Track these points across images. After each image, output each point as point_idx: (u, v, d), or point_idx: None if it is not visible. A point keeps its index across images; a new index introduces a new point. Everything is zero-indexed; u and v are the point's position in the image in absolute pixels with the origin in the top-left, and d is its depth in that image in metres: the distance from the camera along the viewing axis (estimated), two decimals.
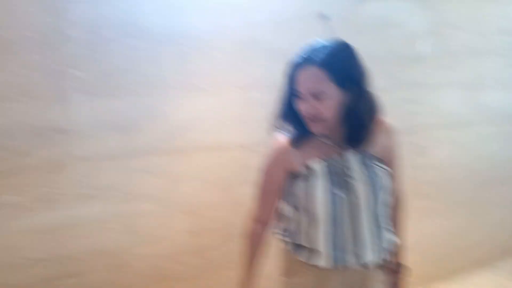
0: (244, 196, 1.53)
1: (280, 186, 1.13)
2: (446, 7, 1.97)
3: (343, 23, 1.71)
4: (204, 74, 1.53)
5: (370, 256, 1.09)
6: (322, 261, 1.08)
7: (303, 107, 1.03)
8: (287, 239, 1.17)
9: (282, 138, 1.12)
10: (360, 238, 1.08)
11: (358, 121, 1.05)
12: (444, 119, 2.20)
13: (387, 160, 1.13)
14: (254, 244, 1.18)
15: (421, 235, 2.35)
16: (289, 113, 1.08)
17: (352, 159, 1.08)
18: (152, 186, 1.51)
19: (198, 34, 1.49)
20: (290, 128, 1.09)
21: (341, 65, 1.00)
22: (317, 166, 1.07)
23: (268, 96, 1.22)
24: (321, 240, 1.08)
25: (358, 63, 1.03)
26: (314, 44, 1.03)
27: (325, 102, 1.01)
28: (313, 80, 1.00)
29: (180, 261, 1.61)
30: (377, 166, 1.09)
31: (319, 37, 1.05)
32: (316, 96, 1.00)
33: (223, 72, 1.56)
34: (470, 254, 2.61)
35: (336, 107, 1.02)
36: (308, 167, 1.07)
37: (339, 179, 1.06)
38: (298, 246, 1.13)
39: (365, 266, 1.11)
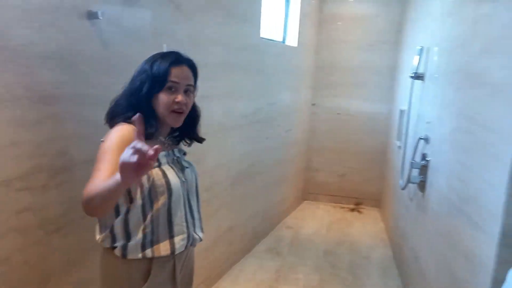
0: None
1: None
2: (202, 20, 2.07)
3: (110, 27, 1.48)
4: None
5: (200, 234, 1.31)
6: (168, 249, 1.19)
7: (179, 98, 1.17)
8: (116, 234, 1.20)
9: (128, 127, 1.12)
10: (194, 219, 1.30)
11: (197, 121, 1.37)
12: (212, 127, 2.32)
13: None
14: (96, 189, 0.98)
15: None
16: (142, 106, 1.14)
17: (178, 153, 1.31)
18: None
19: None
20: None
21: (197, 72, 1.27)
22: (162, 157, 1.20)
23: None
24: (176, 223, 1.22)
25: None
26: (175, 49, 1.25)
27: (191, 97, 1.23)
28: (189, 76, 1.21)
29: None
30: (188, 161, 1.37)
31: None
32: (187, 90, 1.21)
33: None
34: (237, 246, 2.91)
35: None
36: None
37: (177, 168, 1.25)
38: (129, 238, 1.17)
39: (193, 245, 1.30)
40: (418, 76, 2.65)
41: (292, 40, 3.60)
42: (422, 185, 2.33)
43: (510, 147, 1.24)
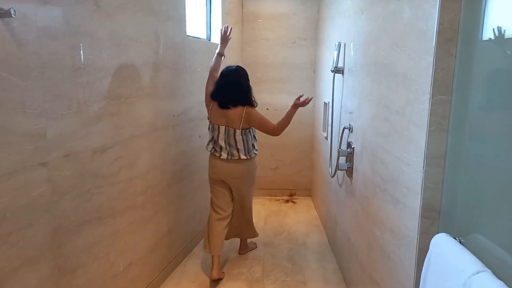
0: None
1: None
2: (124, 18, 1.99)
3: (24, 26, 1.36)
4: None
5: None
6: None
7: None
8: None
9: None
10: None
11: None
12: (141, 128, 2.24)
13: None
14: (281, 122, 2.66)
15: (138, 245, 2.32)
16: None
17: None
18: None
19: None
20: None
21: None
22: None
23: None
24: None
25: None
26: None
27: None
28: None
29: None
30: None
31: None
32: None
33: None
34: (177, 248, 2.86)
35: None
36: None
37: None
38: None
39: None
40: (337, 70, 2.84)
41: (217, 38, 3.61)
42: (349, 171, 2.51)
43: (422, 130, 1.40)
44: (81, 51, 1.68)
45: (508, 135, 1.06)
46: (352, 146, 2.45)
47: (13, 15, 1.24)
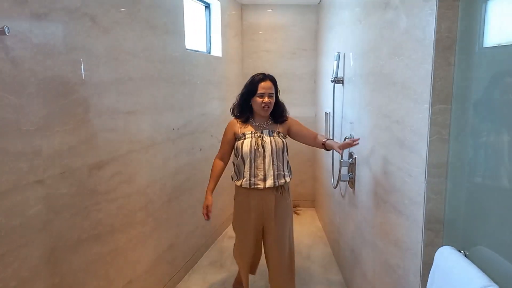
0: None
1: (231, 141, 2.30)
2: (121, 33, 1.99)
3: (19, 43, 1.35)
4: None
5: (270, 183, 2.18)
6: (246, 184, 2.21)
7: (266, 100, 2.20)
8: (233, 174, 2.31)
9: (233, 119, 2.33)
10: (266, 172, 2.19)
11: (281, 111, 2.33)
12: (139, 143, 2.22)
13: (287, 133, 2.33)
14: (215, 170, 2.34)
15: (138, 262, 2.28)
16: (244, 105, 2.28)
17: (265, 133, 2.23)
18: None
19: None
20: (241, 114, 2.30)
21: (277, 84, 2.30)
22: (247, 133, 2.23)
23: None
24: (246, 172, 2.20)
25: None
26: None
27: (273, 99, 2.23)
28: (271, 87, 2.23)
29: None
30: (279, 137, 2.25)
31: None
32: (270, 95, 2.22)
33: None
34: (179, 264, 2.81)
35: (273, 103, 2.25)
36: (243, 134, 2.23)
37: (257, 141, 2.19)
38: (237, 177, 2.28)
39: (268, 188, 2.20)
40: (337, 80, 2.82)
41: (217, 51, 3.62)
42: (352, 182, 2.47)
43: (423, 140, 1.37)
44: (82, 66, 1.67)
45: (509, 143, 1.03)
46: (354, 157, 2.42)
47: (7, 33, 1.23)
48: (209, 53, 3.59)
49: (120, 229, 2.03)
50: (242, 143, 2.18)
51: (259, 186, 2.17)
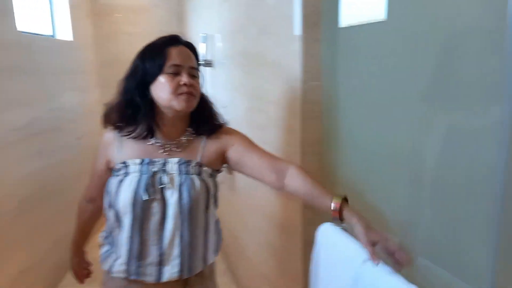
0: None
1: (104, 173, 1.17)
2: None
3: None
4: None
5: (173, 272, 1.07)
6: (120, 270, 1.09)
7: (185, 79, 1.04)
8: (100, 242, 1.22)
9: (111, 131, 1.16)
10: (165, 250, 1.06)
11: (210, 110, 1.21)
12: None
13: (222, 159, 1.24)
14: (81, 217, 1.38)
15: None
16: (133, 103, 1.09)
17: (172, 165, 1.08)
18: None
19: None
20: (128, 120, 1.10)
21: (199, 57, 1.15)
22: (131, 164, 1.08)
23: None
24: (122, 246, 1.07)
25: None
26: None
27: (197, 81, 1.10)
28: (190, 57, 1.10)
29: None
30: (200, 176, 1.11)
31: None
32: (192, 71, 1.08)
33: None
34: (43, 285, 2.37)
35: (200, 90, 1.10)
36: (123, 163, 1.09)
37: (152, 182, 1.05)
38: (106, 252, 1.17)
39: (167, 283, 1.08)
40: (207, 63, 2.71)
41: (65, 34, 3.11)
42: (229, 167, 2.42)
43: (297, 119, 1.36)
44: None
45: (373, 118, 1.07)
46: None
47: None
48: (54, 36, 3.06)
49: None
50: (120, 183, 1.07)
51: (147, 278, 1.08)
